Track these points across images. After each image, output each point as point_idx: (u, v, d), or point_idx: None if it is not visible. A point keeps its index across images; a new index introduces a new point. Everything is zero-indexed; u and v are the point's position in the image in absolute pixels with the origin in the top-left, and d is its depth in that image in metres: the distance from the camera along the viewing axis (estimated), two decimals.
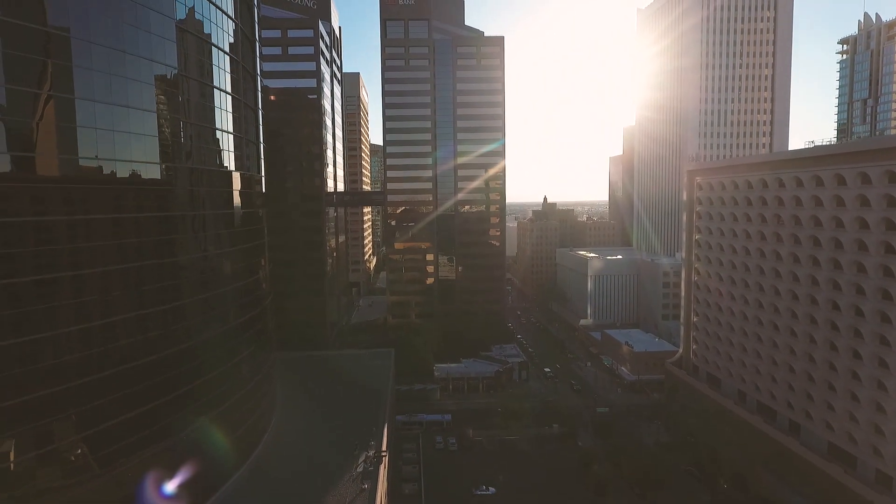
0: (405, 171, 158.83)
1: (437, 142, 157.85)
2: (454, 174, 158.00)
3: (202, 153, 52.95)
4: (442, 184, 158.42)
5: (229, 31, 58.75)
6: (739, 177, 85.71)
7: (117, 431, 41.98)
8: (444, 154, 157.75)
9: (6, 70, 34.73)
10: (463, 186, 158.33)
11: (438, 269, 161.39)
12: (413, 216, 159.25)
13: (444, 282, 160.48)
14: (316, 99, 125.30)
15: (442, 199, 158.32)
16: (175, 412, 47.92)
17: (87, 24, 39.19)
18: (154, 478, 44.62)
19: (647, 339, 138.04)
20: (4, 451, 35.77)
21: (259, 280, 66.55)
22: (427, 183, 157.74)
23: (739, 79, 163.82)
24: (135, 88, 43.41)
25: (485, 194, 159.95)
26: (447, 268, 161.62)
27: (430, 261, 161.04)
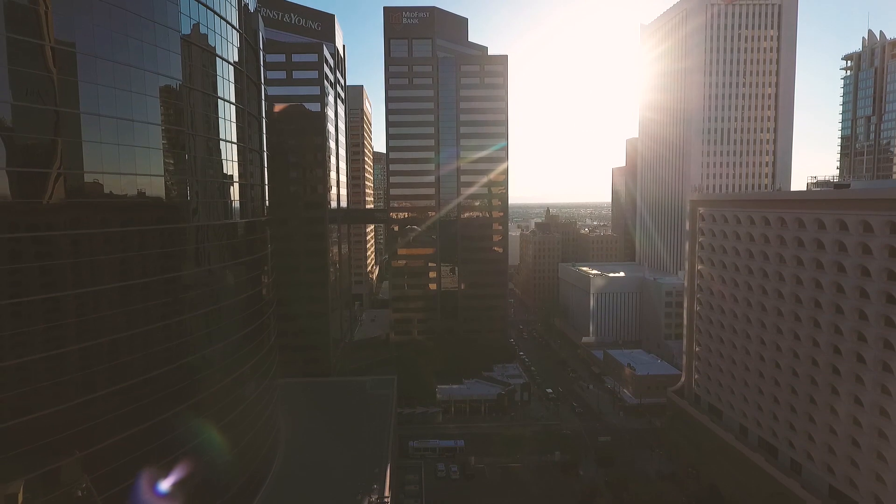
0: (408, 189, 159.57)
1: (439, 158, 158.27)
2: (457, 188, 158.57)
3: (206, 165, 53.72)
4: (444, 194, 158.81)
5: (234, 41, 59.53)
6: (742, 212, 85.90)
7: (113, 453, 42.55)
8: (447, 167, 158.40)
9: (13, 86, 35.29)
10: (466, 203, 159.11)
11: (441, 278, 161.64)
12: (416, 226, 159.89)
13: (446, 295, 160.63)
14: (320, 122, 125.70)
15: (445, 211, 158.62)
16: (177, 426, 48.70)
17: (92, 40, 39.92)
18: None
19: (650, 360, 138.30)
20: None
21: (262, 297, 67.27)
22: (430, 190, 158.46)
23: (743, 97, 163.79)
24: (139, 101, 43.96)
25: (487, 203, 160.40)
26: (449, 278, 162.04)
27: (433, 267, 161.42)
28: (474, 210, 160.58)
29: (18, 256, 36.24)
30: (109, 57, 41.15)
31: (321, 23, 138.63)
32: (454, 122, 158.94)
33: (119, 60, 41.98)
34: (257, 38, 69.72)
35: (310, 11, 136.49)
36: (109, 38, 41.36)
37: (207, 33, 53.71)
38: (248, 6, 65.07)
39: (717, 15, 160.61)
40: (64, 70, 38.09)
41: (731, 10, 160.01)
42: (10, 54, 34.77)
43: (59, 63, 37.75)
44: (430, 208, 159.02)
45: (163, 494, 46.06)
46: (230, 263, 58.03)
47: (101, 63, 40.52)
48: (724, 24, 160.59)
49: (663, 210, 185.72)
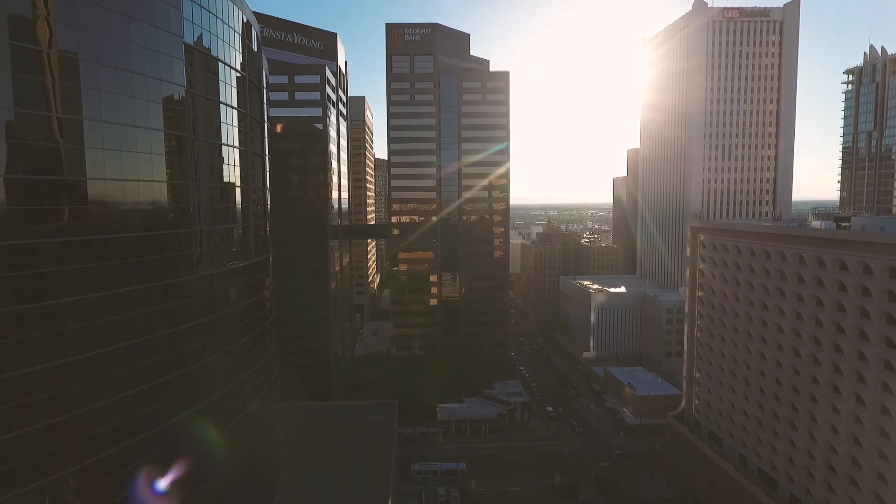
0: (409, 204, 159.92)
1: (440, 173, 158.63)
2: (459, 195, 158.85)
3: (209, 170, 54.45)
4: (445, 203, 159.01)
5: (237, 47, 60.14)
6: (742, 243, 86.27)
7: (114, 462, 43.12)
8: (448, 184, 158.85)
9: (16, 93, 35.88)
10: (466, 214, 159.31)
11: (442, 288, 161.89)
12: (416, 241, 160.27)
13: (447, 307, 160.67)
14: (322, 143, 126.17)
15: (445, 213, 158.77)
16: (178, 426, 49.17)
17: (96, 47, 40.61)
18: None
19: (650, 379, 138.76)
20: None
21: (264, 305, 68.07)
22: (431, 200, 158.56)
23: (744, 113, 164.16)
24: (142, 107, 44.64)
25: (488, 214, 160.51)
26: (450, 287, 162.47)
27: (434, 281, 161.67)
28: (475, 220, 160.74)
29: (19, 264, 36.76)
30: (112, 63, 41.88)
31: (323, 41, 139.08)
32: (456, 138, 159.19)
33: (122, 67, 42.63)
34: (261, 78, 70.27)
35: (312, 31, 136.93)
36: (113, 46, 42.09)
37: (211, 38, 54.46)
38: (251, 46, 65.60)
39: (718, 31, 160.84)
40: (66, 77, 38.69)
41: (732, 26, 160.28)
42: (13, 62, 35.39)
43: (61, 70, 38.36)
44: (431, 212, 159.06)
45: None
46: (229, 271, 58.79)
47: (103, 70, 41.23)
48: (726, 41, 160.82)
49: (665, 220, 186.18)
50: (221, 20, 56.21)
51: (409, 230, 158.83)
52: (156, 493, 46.08)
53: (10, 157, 35.76)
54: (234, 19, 59.29)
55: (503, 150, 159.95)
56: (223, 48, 56.68)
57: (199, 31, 51.76)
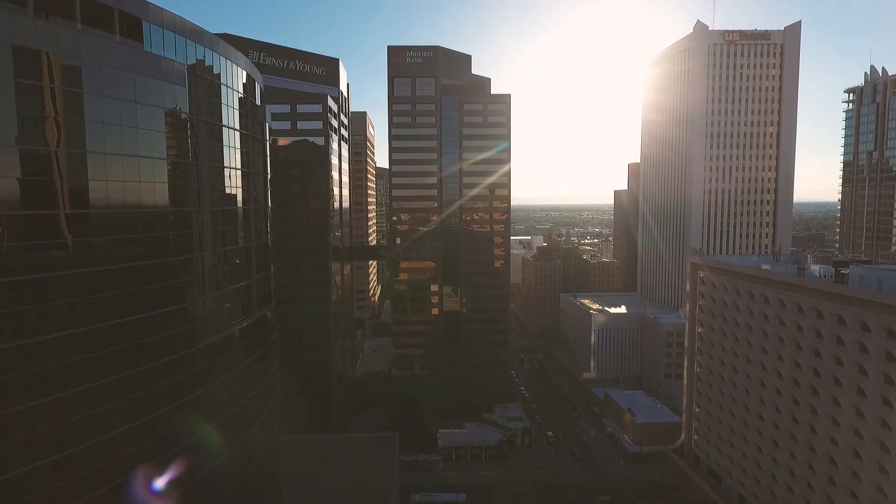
0: (410, 223, 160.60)
1: (442, 192, 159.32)
2: (459, 219, 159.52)
3: (212, 195, 55.15)
4: (447, 219, 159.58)
5: (238, 107, 60.78)
6: (741, 285, 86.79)
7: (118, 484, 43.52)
8: (449, 198, 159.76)
9: (20, 127, 36.48)
10: (467, 234, 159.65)
11: (442, 302, 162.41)
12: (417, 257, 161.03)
13: (448, 325, 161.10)
14: (324, 170, 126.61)
15: (447, 218, 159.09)
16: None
17: (99, 81, 41.16)
18: None
19: (650, 403, 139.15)
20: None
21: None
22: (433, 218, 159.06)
23: (744, 136, 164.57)
24: (145, 136, 45.29)
25: (489, 234, 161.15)
26: (451, 301, 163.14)
27: (434, 292, 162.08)
28: (476, 237, 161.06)
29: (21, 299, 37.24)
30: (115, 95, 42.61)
31: (325, 67, 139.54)
32: (457, 159, 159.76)
33: (125, 97, 43.31)
34: (264, 132, 70.79)
35: (314, 57, 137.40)
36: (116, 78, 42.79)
37: (213, 66, 55.24)
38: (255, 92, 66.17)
39: (719, 53, 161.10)
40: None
41: (733, 48, 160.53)
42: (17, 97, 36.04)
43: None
44: (433, 233, 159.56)
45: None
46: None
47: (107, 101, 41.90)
48: (726, 63, 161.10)
49: (667, 231, 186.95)
50: (224, 84, 56.72)
51: (410, 249, 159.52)
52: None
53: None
54: (235, 80, 59.68)
55: (505, 172, 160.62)
56: (226, 112, 57.20)
57: (201, 103, 52.30)
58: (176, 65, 47.71)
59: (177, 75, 47.70)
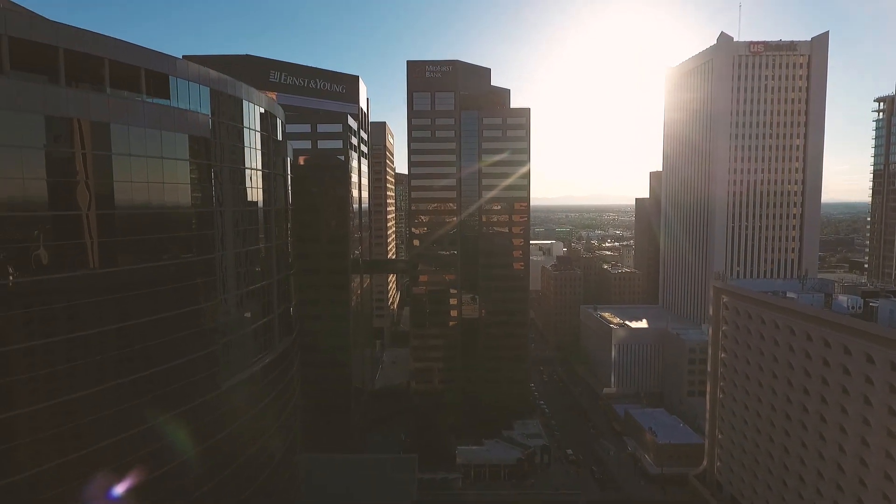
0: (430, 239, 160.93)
1: (461, 207, 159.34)
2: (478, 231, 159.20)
3: (234, 234, 56.07)
4: (466, 231, 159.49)
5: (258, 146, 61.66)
6: (766, 314, 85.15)
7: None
8: (468, 211, 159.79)
9: (48, 164, 37.52)
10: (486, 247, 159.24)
11: (461, 313, 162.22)
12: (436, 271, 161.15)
13: (467, 338, 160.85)
14: (343, 188, 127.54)
15: (466, 249, 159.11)
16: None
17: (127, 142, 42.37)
18: None
19: (672, 423, 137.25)
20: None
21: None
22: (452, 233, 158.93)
23: (770, 148, 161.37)
24: (170, 190, 46.67)
25: (508, 243, 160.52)
26: (469, 307, 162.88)
27: (454, 315, 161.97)
28: (495, 251, 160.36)
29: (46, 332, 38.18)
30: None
31: (345, 85, 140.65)
32: (476, 173, 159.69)
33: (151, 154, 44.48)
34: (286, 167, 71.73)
35: (334, 75, 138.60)
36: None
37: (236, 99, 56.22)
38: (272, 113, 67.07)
39: (743, 64, 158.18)
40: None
41: (757, 60, 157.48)
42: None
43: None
44: (453, 244, 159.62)
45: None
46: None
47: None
48: (751, 75, 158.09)
49: (689, 238, 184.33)
50: (246, 127, 57.58)
51: (429, 259, 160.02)
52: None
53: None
54: (257, 121, 60.42)
55: (524, 185, 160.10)
56: (248, 155, 58.11)
57: (224, 150, 53.24)
58: (200, 116, 48.70)
59: (201, 127, 48.68)
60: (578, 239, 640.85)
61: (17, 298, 35.79)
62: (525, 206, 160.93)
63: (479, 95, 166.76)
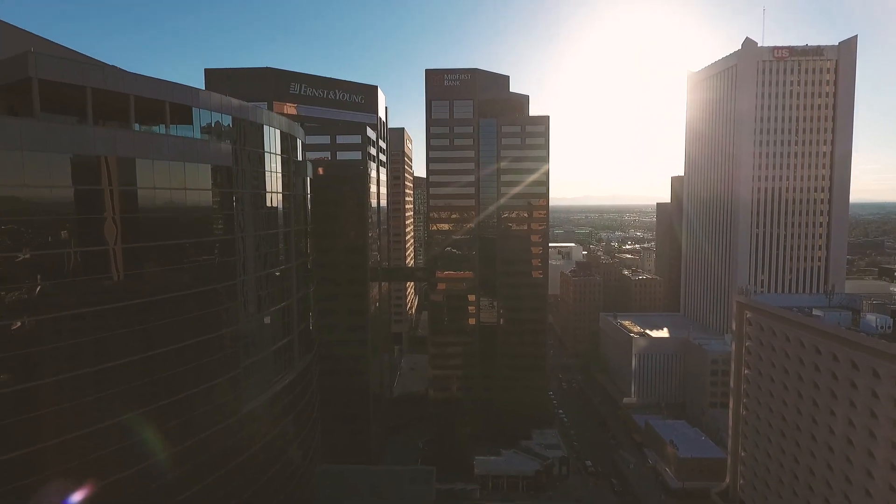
0: (448, 248, 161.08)
1: (479, 214, 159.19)
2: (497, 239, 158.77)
3: (256, 258, 57.08)
4: (483, 240, 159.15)
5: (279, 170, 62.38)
6: (791, 331, 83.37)
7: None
8: (486, 216, 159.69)
9: (77, 201, 38.64)
10: (504, 256, 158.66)
11: (479, 320, 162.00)
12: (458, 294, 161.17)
13: (485, 345, 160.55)
14: (362, 199, 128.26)
15: (484, 255, 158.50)
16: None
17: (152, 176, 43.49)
18: None
19: (693, 436, 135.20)
20: None
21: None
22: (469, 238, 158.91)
23: (796, 155, 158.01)
24: (194, 217, 48.08)
25: (526, 250, 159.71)
26: (488, 312, 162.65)
27: (472, 325, 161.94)
28: (514, 261, 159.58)
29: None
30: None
31: (364, 95, 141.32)
32: (495, 181, 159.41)
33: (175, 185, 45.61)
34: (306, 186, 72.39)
35: (353, 86, 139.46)
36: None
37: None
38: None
39: (768, 70, 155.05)
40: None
41: (783, 65, 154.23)
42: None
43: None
44: (470, 257, 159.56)
45: None
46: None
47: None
48: (776, 80, 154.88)
49: (712, 244, 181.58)
50: (267, 152, 58.32)
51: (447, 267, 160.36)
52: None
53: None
54: (277, 145, 61.13)
55: (542, 193, 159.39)
56: (269, 178, 58.90)
57: (246, 176, 54.01)
58: (223, 146, 49.51)
59: (224, 156, 49.50)
60: (598, 241, 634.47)
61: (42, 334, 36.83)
62: (544, 214, 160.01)
63: (498, 100, 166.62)
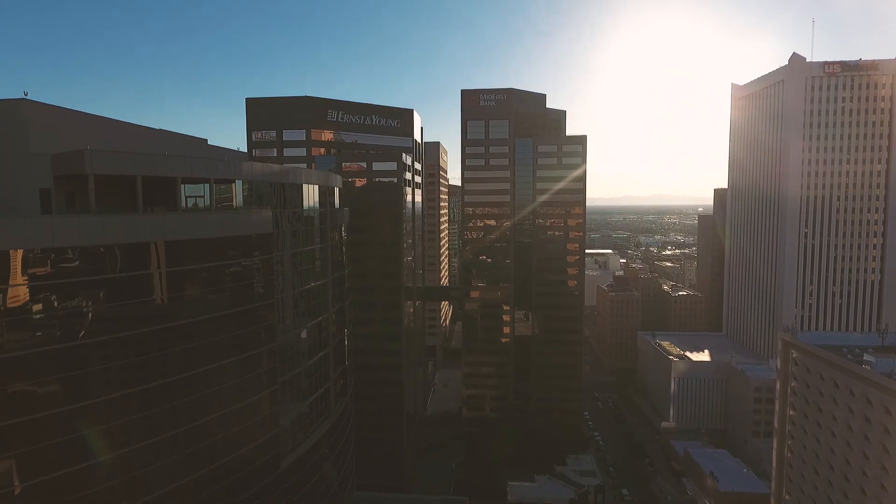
0: (483, 268, 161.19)
1: (514, 233, 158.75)
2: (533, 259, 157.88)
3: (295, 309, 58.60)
4: (518, 258, 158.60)
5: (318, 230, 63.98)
6: (839, 377, 79.96)
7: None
8: (522, 232, 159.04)
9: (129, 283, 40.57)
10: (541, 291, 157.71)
11: (514, 338, 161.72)
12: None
13: (519, 361, 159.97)
14: (397, 223, 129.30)
15: (519, 275, 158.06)
16: None
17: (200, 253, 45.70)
18: None
19: (735, 467, 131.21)
20: None
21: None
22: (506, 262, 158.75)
23: (847, 174, 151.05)
24: (234, 267, 49.81)
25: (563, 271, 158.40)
26: (523, 325, 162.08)
27: (506, 344, 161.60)
28: (548, 282, 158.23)
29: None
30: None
31: (400, 119, 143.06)
32: (530, 199, 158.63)
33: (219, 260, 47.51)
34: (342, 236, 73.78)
35: (389, 110, 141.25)
36: None
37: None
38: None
39: (817, 86, 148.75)
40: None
41: (833, 81, 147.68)
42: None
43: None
44: (505, 275, 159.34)
45: None
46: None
47: None
48: (826, 97, 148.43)
49: (757, 263, 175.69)
50: (305, 210, 59.74)
51: (483, 298, 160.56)
52: None
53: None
54: (315, 200, 62.41)
55: (578, 214, 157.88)
56: (307, 235, 60.31)
57: (285, 238, 55.51)
58: (263, 213, 51.04)
59: (264, 224, 51.03)
60: (636, 246, 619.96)
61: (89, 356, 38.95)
62: (580, 234, 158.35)
63: (533, 117, 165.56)
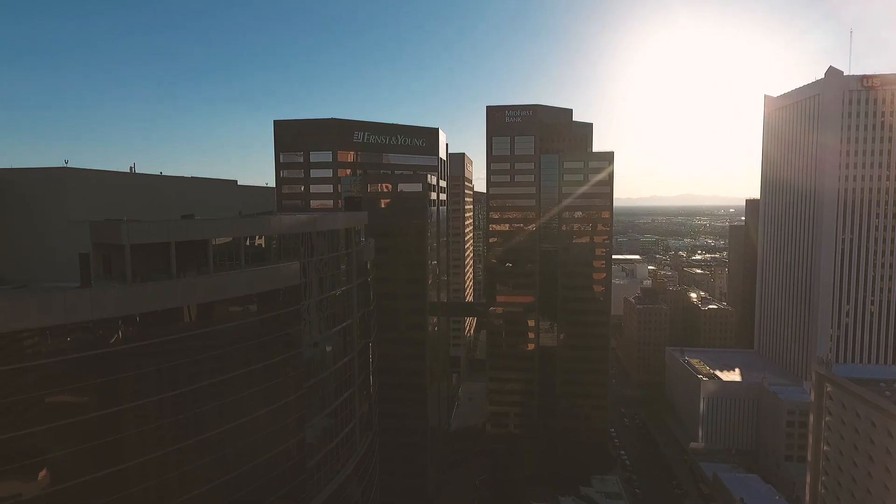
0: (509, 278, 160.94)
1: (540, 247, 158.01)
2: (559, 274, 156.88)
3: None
4: (544, 271, 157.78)
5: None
6: (876, 416, 77.48)
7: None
8: (545, 254, 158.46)
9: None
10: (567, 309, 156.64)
11: (538, 351, 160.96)
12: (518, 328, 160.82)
13: (544, 378, 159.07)
14: (422, 241, 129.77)
15: (545, 290, 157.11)
16: None
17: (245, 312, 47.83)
18: None
19: (766, 493, 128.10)
20: None
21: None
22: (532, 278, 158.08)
23: (886, 191, 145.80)
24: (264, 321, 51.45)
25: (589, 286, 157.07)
26: (548, 336, 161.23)
27: (531, 351, 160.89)
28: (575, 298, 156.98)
29: None
30: None
31: (425, 139, 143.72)
32: (557, 216, 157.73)
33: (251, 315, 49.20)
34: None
35: (414, 130, 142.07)
36: None
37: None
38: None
39: (855, 100, 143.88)
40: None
41: (873, 95, 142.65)
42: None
43: None
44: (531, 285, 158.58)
45: None
46: None
47: None
48: (864, 111, 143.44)
49: (790, 278, 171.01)
50: (333, 256, 60.82)
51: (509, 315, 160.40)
52: None
53: None
54: (342, 244, 63.51)
55: (605, 232, 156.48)
56: (335, 279, 61.43)
57: (313, 284, 56.63)
58: (292, 266, 52.23)
59: (292, 276, 52.20)
60: (665, 250, 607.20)
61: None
62: (606, 251, 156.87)
63: (559, 131, 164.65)
